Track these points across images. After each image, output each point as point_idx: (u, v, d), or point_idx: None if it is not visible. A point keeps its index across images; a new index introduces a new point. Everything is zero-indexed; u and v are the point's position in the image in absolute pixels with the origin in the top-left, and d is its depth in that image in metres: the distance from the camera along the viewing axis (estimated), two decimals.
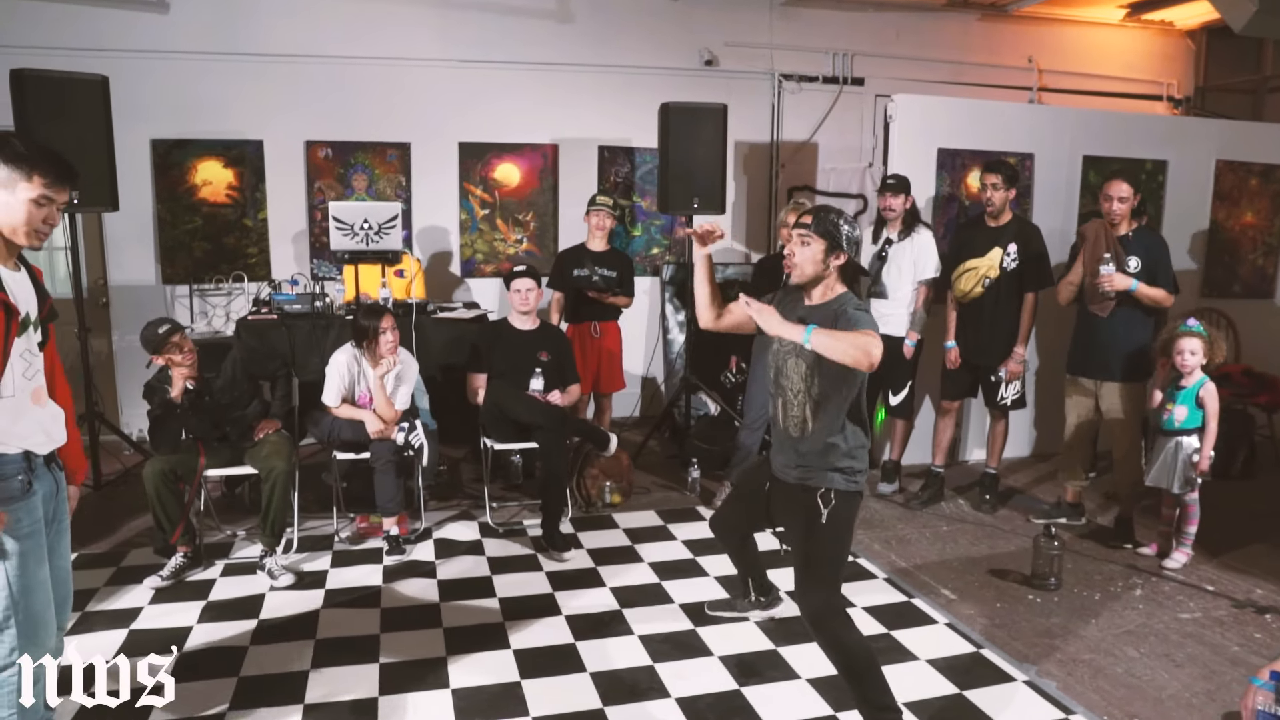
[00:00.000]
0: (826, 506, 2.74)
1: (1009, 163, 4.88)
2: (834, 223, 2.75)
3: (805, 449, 2.80)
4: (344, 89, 6.10)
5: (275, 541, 4.00)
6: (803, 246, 2.77)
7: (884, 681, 2.68)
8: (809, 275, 2.77)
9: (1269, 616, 3.75)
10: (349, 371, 4.36)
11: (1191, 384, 4.05)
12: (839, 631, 2.68)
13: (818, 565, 2.75)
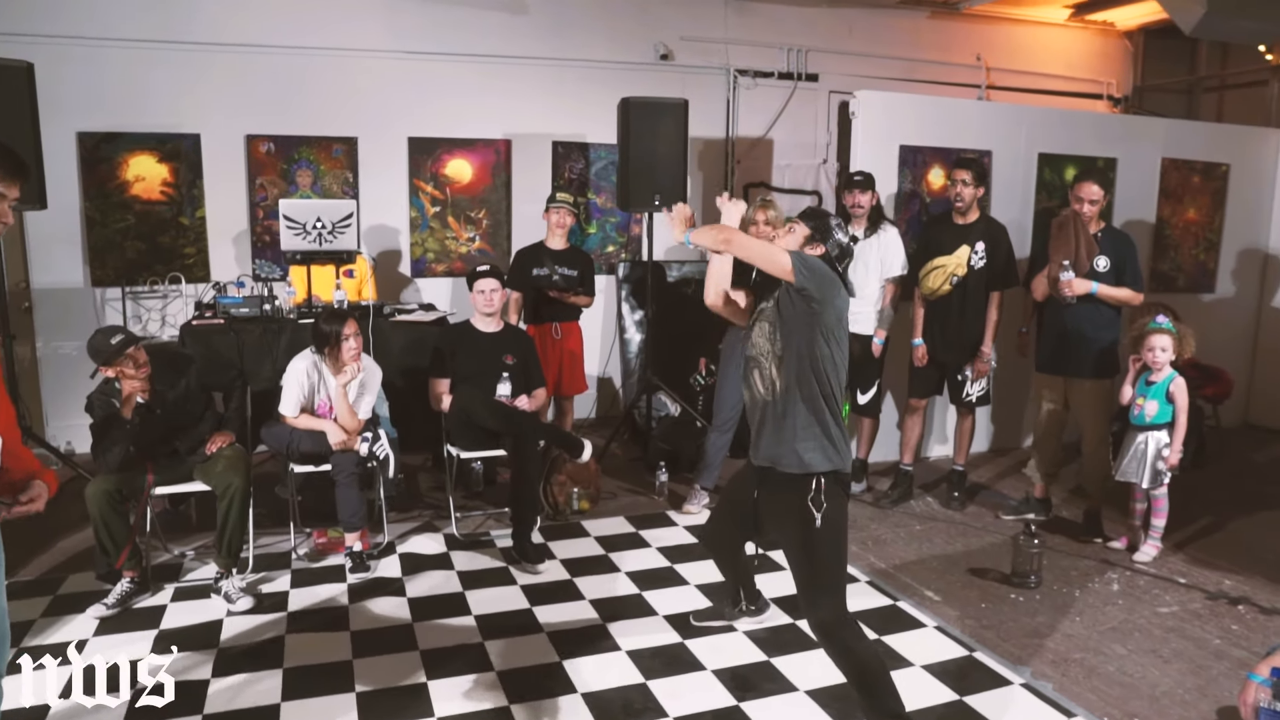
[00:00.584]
0: (819, 510, 2.66)
1: (979, 160, 4.88)
2: (824, 217, 2.90)
3: (784, 419, 2.75)
4: (287, 81, 5.82)
5: (232, 562, 3.76)
6: (787, 234, 2.87)
7: (894, 688, 2.62)
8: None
9: (1242, 608, 3.80)
10: (308, 379, 4.13)
11: (1161, 379, 4.10)
12: (849, 641, 2.61)
13: (820, 574, 2.68)
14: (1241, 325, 6.79)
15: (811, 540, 2.69)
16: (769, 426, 2.81)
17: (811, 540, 2.69)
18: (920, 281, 4.87)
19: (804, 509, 2.68)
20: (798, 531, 2.71)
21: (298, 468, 4.19)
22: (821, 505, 2.66)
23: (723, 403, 4.88)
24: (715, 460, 4.94)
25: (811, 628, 2.73)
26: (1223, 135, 6.65)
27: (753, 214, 4.76)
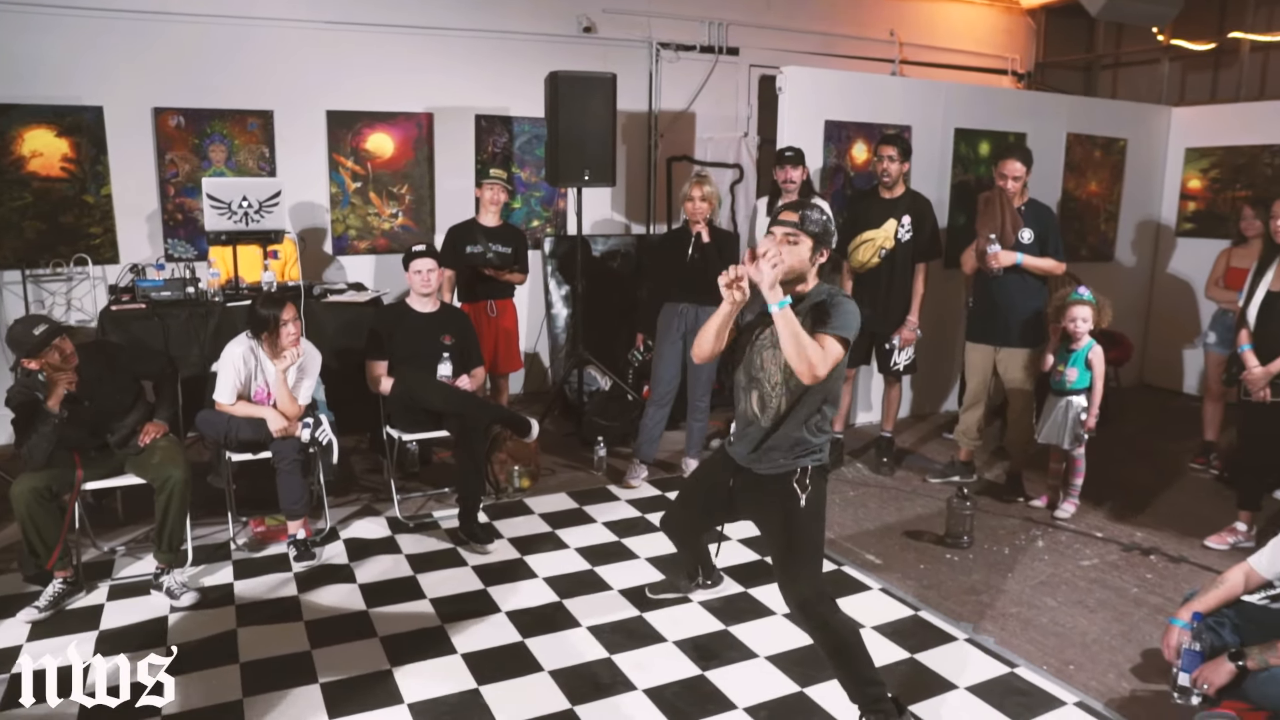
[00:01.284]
0: (804, 491, 2.74)
1: (904, 136, 5.02)
2: (820, 220, 2.74)
3: (778, 439, 2.79)
4: (196, 51, 5.55)
5: (174, 557, 3.64)
6: (791, 245, 2.71)
7: (871, 660, 2.72)
8: (795, 274, 2.73)
9: (1154, 557, 4.09)
10: (245, 365, 4.01)
11: (1081, 347, 4.33)
12: (826, 615, 2.69)
13: (801, 551, 2.74)
14: (1137, 292, 7.20)
15: (794, 521, 2.76)
16: (758, 440, 2.83)
17: (794, 521, 2.76)
18: (849, 255, 5.00)
19: (788, 493, 2.76)
20: (780, 514, 2.78)
21: (235, 456, 4.07)
22: (806, 488, 2.75)
23: (659, 378, 4.93)
24: (654, 434, 5.01)
25: (789, 604, 2.80)
26: (1121, 111, 7.00)
27: (689, 190, 4.81)
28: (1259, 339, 3.98)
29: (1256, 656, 2.75)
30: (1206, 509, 4.62)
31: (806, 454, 2.78)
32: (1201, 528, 4.31)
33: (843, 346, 2.64)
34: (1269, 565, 3.01)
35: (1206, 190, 6.94)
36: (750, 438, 2.86)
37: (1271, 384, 3.93)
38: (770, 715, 2.87)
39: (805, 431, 2.77)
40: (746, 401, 2.87)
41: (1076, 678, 3.09)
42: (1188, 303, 6.97)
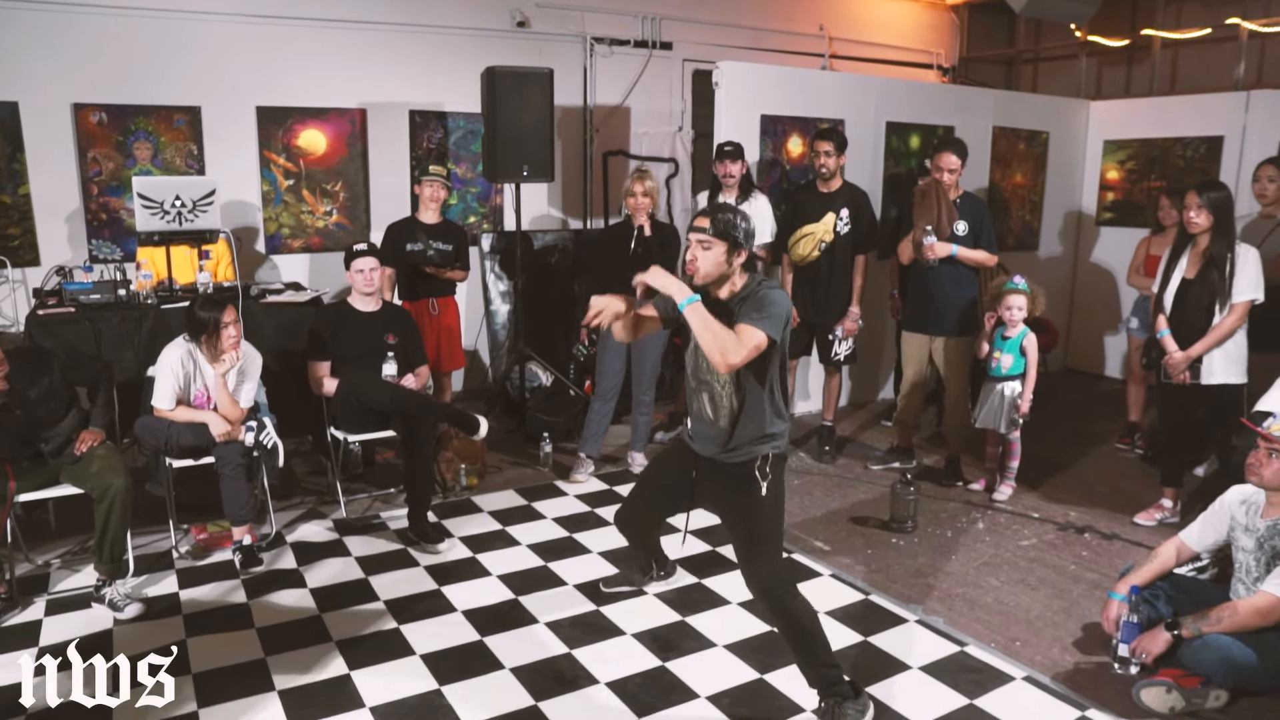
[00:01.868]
0: (764, 480, 2.79)
1: (839, 130, 5.10)
2: (731, 222, 2.73)
3: (739, 435, 2.83)
4: (119, 45, 5.35)
5: (115, 568, 3.53)
6: (704, 251, 2.72)
7: (827, 641, 2.79)
8: (713, 277, 2.75)
9: (1088, 535, 4.26)
10: (183, 369, 3.90)
11: (1015, 335, 4.48)
12: (786, 599, 2.74)
13: (763, 538, 2.79)
14: (1061, 280, 7.46)
15: (755, 509, 2.80)
16: (723, 442, 2.85)
17: (755, 509, 2.80)
18: (790, 249, 5.08)
19: (750, 481, 2.80)
20: (743, 502, 2.82)
21: (176, 462, 3.96)
22: (767, 476, 2.79)
23: (604, 372, 4.95)
24: (600, 429, 5.02)
25: (752, 589, 2.84)
26: (1042, 105, 7.24)
27: (630, 185, 4.83)
28: (1175, 324, 4.15)
29: (1190, 625, 2.90)
30: (1134, 487, 4.83)
31: (767, 441, 2.82)
32: (1130, 505, 4.51)
33: (764, 331, 2.63)
34: (1198, 539, 3.17)
35: (1124, 181, 7.22)
36: (712, 439, 2.88)
37: (1190, 367, 4.10)
38: (732, 702, 2.92)
39: (766, 422, 2.81)
40: (699, 403, 2.90)
41: (1023, 653, 3.21)
42: (1109, 290, 7.25)
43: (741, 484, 2.82)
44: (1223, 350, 4.04)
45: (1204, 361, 4.07)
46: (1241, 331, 4.05)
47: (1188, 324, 4.11)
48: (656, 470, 3.39)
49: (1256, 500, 3.03)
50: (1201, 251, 4.06)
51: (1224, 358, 4.05)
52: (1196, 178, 6.63)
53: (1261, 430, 2.91)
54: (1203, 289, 4.04)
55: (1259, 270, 3.97)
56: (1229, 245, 3.97)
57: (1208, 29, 7.37)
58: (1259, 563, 2.94)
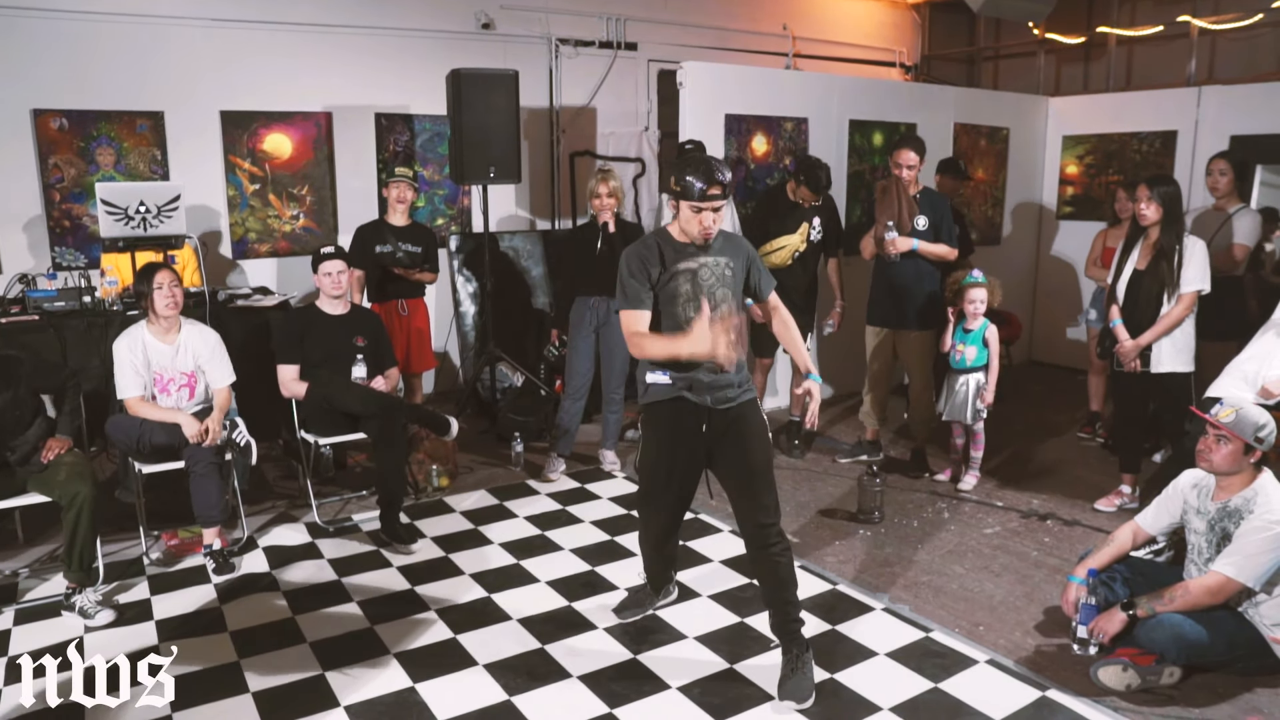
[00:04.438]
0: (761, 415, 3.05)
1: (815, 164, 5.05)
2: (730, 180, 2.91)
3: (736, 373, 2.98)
4: (79, 50, 5.32)
5: (84, 576, 3.52)
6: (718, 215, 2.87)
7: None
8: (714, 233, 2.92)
9: (1050, 522, 4.36)
10: (132, 354, 3.93)
11: (977, 327, 4.57)
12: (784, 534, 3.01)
13: (768, 469, 3.02)
14: (1024, 273, 7.59)
15: (764, 441, 3.04)
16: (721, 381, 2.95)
17: (764, 441, 3.04)
18: (763, 257, 5.10)
19: (754, 415, 3.03)
20: (752, 436, 3.00)
21: (145, 467, 3.95)
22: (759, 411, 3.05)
23: (574, 371, 4.99)
24: (571, 427, 5.05)
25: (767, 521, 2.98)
26: (1002, 102, 7.36)
27: (595, 186, 4.87)
28: (1127, 313, 4.26)
29: (1145, 605, 2.99)
30: (1095, 475, 4.94)
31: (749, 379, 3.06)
32: (1091, 492, 4.62)
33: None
34: (1153, 522, 3.27)
35: (1083, 176, 7.37)
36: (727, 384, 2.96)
37: (1141, 355, 4.22)
38: (703, 692, 2.97)
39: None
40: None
41: (986, 638, 3.29)
42: (1070, 282, 7.39)
43: (750, 422, 3.00)
44: (1171, 339, 4.16)
45: (1153, 350, 4.20)
46: (1189, 321, 4.17)
47: (1139, 314, 4.22)
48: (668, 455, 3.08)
49: (1207, 484, 3.12)
50: (1152, 244, 4.18)
51: (1172, 347, 4.17)
52: (1152, 172, 6.77)
53: (1209, 417, 3.01)
54: (1153, 280, 4.16)
55: (1206, 262, 4.10)
56: (1178, 237, 4.09)
57: (1160, 26, 7.54)
58: (1210, 544, 3.04)
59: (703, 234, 2.87)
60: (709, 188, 2.80)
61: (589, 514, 4.52)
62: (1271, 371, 3.67)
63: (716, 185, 2.81)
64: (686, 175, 2.82)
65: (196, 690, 2.98)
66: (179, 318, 4.05)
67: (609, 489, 4.86)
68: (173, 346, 4.02)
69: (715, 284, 2.96)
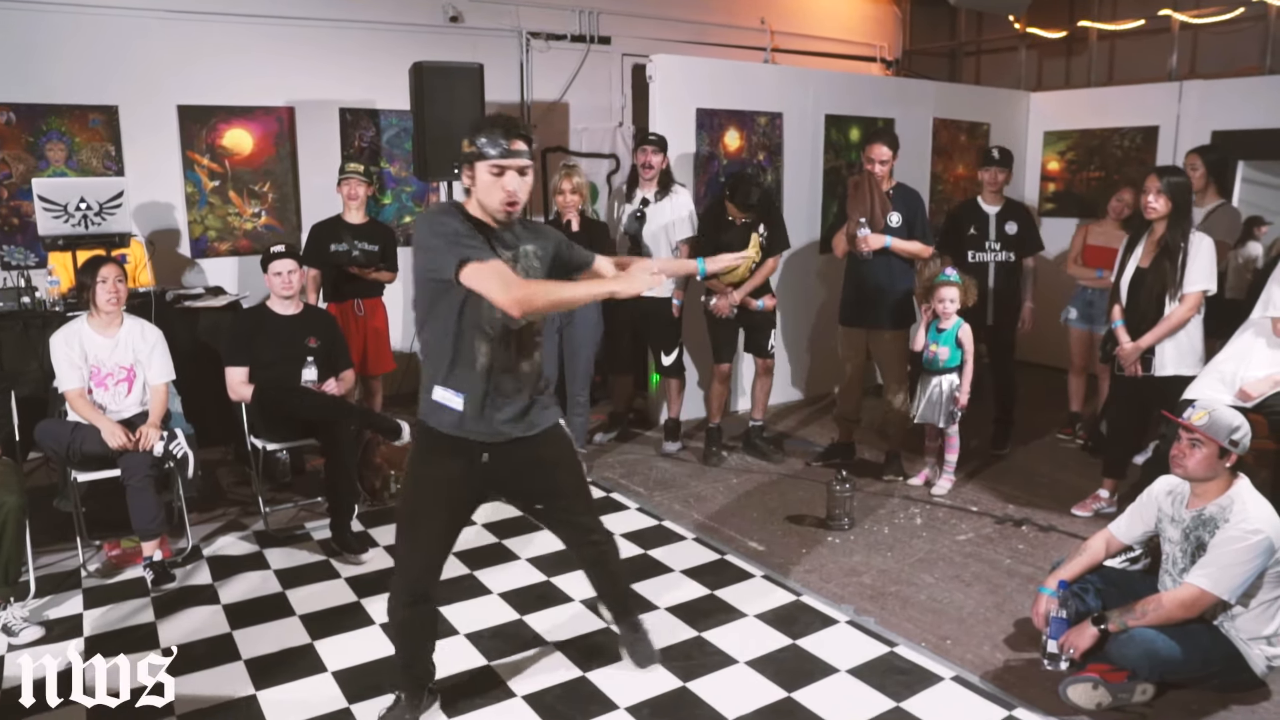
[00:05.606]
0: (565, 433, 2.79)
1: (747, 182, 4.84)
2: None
3: (542, 380, 2.65)
4: (25, 42, 5.14)
5: (10, 590, 3.35)
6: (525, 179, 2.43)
7: None
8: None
9: (1025, 528, 4.22)
10: (68, 346, 3.80)
11: (950, 326, 4.43)
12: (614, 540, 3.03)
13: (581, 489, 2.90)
14: None
15: (576, 461, 2.85)
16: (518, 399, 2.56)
17: (576, 461, 2.85)
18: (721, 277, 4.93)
19: (559, 436, 2.74)
20: (576, 463, 2.85)
21: (81, 475, 3.78)
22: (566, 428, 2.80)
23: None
24: None
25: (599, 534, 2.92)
26: (983, 97, 7.24)
27: (558, 182, 4.71)
28: (1129, 313, 4.07)
29: (1116, 620, 2.85)
30: (1074, 478, 4.80)
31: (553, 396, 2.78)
32: (1070, 496, 4.47)
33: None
34: (1127, 531, 3.13)
35: (1065, 171, 7.24)
36: (514, 399, 2.54)
37: (1141, 358, 4.03)
38: (652, 712, 2.82)
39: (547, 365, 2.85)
40: (499, 356, 2.49)
41: (953, 652, 3.15)
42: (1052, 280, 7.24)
43: (553, 446, 2.71)
44: (1174, 342, 3.95)
45: (1155, 353, 3.99)
46: (1195, 323, 3.94)
47: (1139, 314, 4.02)
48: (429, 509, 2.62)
49: (1182, 491, 2.98)
50: (1157, 239, 3.97)
51: (1175, 350, 3.96)
52: (1135, 167, 6.66)
53: (1182, 421, 2.87)
54: (1155, 278, 3.96)
55: (1213, 260, 3.89)
56: (1184, 234, 3.88)
57: (1142, 20, 7.42)
58: (1184, 554, 2.90)
59: (506, 204, 2.38)
60: (510, 141, 2.36)
61: None
62: (1249, 372, 3.54)
63: (519, 139, 2.38)
64: (482, 133, 2.36)
65: (119, 713, 2.82)
66: (121, 313, 3.90)
67: None
68: (112, 340, 3.87)
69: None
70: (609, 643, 3.22)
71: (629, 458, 5.29)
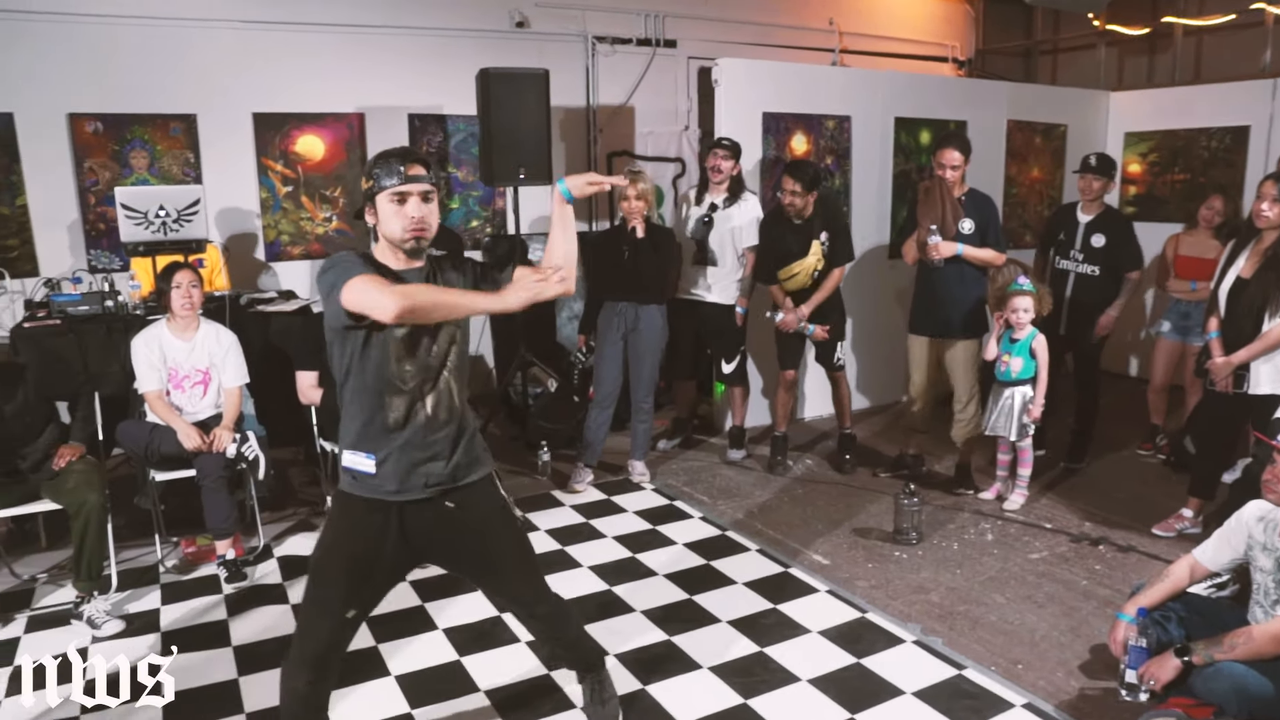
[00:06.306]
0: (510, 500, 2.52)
1: (810, 165, 4.79)
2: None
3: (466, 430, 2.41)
4: (112, 54, 5.33)
5: (93, 585, 3.47)
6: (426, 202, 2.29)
7: None
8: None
9: (1103, 547, 4.07)
10: (148, 349, 3.93)
11: (1024, 337, 4.30)
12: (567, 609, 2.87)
13: (533, 557, 2.67)
14: None
15: (514, 524, 2.53)
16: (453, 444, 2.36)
17: (514, 524, 2.53)
18: (782, 283, 4.87)
19: (504, 505, 2.50)
20: (510, 529, 2.52)
21: (159, 475, 3.90)
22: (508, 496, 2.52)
23: (601, 379, 4.84)
24: (598, 437, 4.90)
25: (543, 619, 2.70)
26: (1060, 98, 7.02)
27: (624, 188, 4.70)
28: (1226, 325, 3.88)
29: (1201, 652, 2.72)
30: (1155, 494, 4.62)
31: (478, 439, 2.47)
32: (1150, 514, 4.30)
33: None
34: (1213, 558, 2.98)
35: (1146, 174, 6.99)
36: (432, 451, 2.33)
37: (1235, 374, 3.83)
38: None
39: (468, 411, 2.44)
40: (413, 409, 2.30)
41: (1025, 677, 3.05)
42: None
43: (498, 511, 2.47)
44: (1271, 360, 3.74)
45: (1250, 370, 3.80)
46: None
47: (1234, 327, 3.83)
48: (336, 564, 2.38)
49: (1275, 518, 2.83)
50: (1264, 249, 3.77)
51: (1271, 368, 3.75)
52: (1222, 170, 6.40)
53: (1275, 443, 2.73)
54: (1257, 290, 3.75)
55: None
56: None
57: (1232, 15, 7.10)
58: (1278, 584, 2.76)
59: (412, 230, 2.23)
60: (408, 167, 2.23)
61: (612, 528, 4.36)
62: None
63: (417, 163, 2.25)
64: (376, 166, 2.25)
65: (192, 709, 2.90)
66: (197, 317, 4.02)
67: (636, 502, 4.70)
68: (189, 343, 3.99)
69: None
70: (668, 654, 3.20)
71: (693, 465, 5.26)
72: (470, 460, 2.40)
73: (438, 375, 2.31)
